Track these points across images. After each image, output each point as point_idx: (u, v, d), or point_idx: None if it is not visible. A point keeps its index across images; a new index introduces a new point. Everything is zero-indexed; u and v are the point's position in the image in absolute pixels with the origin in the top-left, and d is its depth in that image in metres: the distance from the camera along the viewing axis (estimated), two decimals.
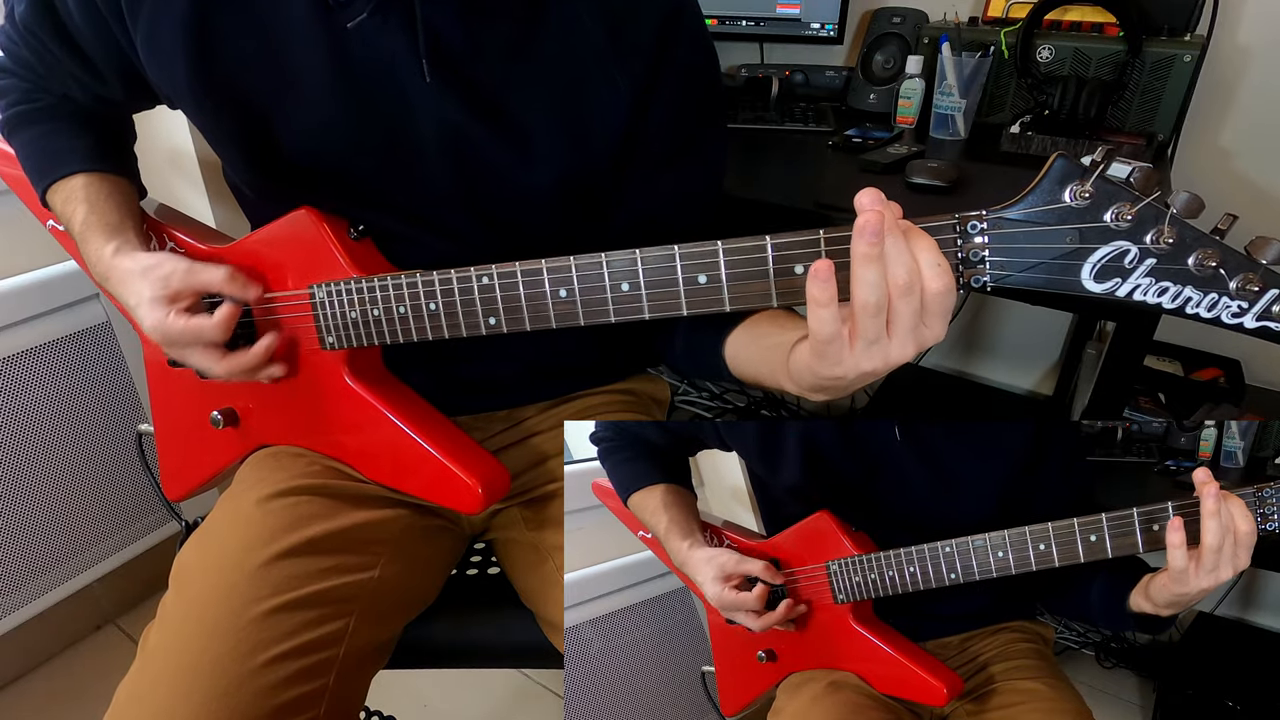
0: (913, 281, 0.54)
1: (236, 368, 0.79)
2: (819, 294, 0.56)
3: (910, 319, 0.56)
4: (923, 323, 0.56)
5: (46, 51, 0.85)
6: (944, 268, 0.55)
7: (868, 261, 0.54)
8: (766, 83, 1.69)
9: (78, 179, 0.87)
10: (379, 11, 0.74)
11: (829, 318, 0.56)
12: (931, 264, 0.54)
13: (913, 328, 0.56)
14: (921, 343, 0.57)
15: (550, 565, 0.87)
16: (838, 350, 0.58)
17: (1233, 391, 1.54)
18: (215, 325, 0.76)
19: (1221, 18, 1.44)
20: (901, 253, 0.54)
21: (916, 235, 0.55)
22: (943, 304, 0.56)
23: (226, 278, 0.77)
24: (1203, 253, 0.50)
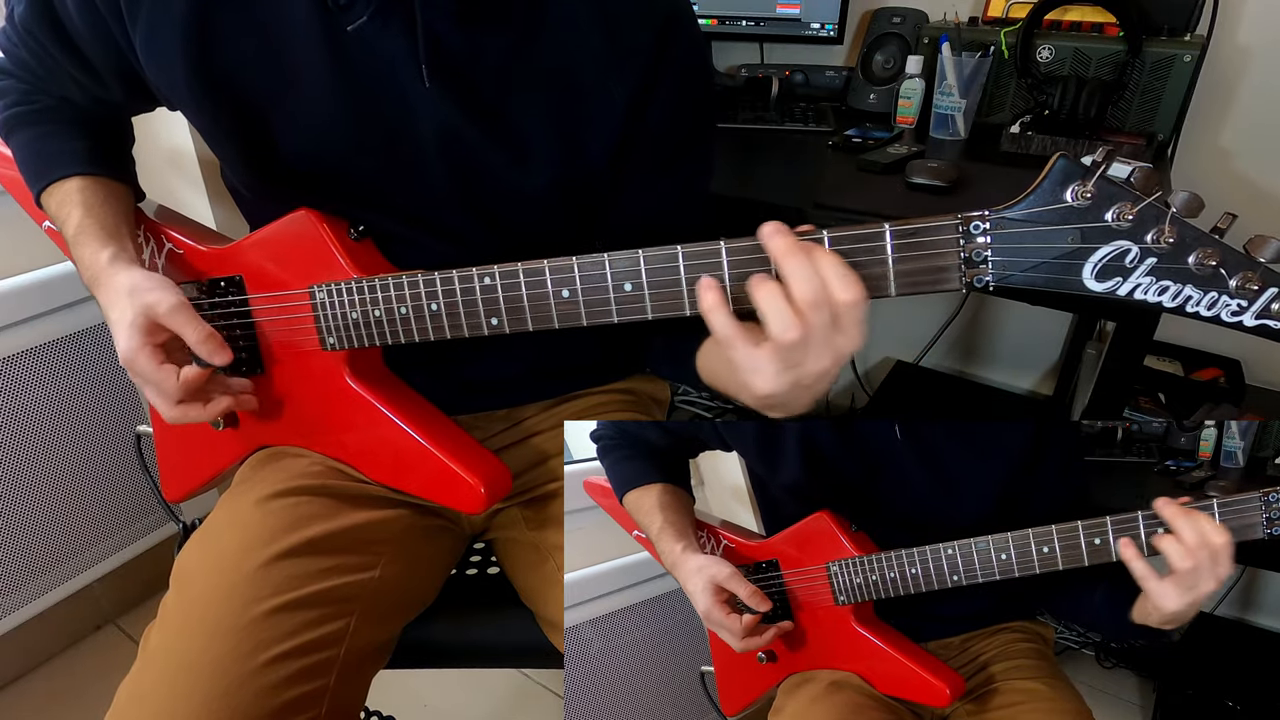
0: (820, 296, 0.57)
1: (186, 417, 0.79)
2: (709, 303, 0.61)
3: (824, 331, 0.58)
4: (838, 333, 0.59)
5: (45, 53, 0.85)
6: (850, 279, 0.57)
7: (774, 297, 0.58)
8: (766, 83, 1.69)
9: (73, 182, 0.86)
10: (379, 15, 0.74)
11: (722, 323, 0.61)
12: (838, 276, 0.57)
13: (827, 339, 0.59)
14: (839, 352, 0.60)
15: (550, 565, 0.87)
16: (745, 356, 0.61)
17: (1233, 391, 1.54)
18: (177, 386, 0.76)
19: (1221, 18, 1.44)
20: (805, 269, 0.57)
21: (821, 252, 0.58)
22: (856, 313, 0.58)
23: (202, 339, 0.76)
24: (1203, 252, 0.50)
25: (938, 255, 0.57)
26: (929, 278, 0.57)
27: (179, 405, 0.78)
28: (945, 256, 0.56)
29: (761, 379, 0.61)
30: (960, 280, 0.57)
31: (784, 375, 0.60)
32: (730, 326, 0.60)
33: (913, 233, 0.57)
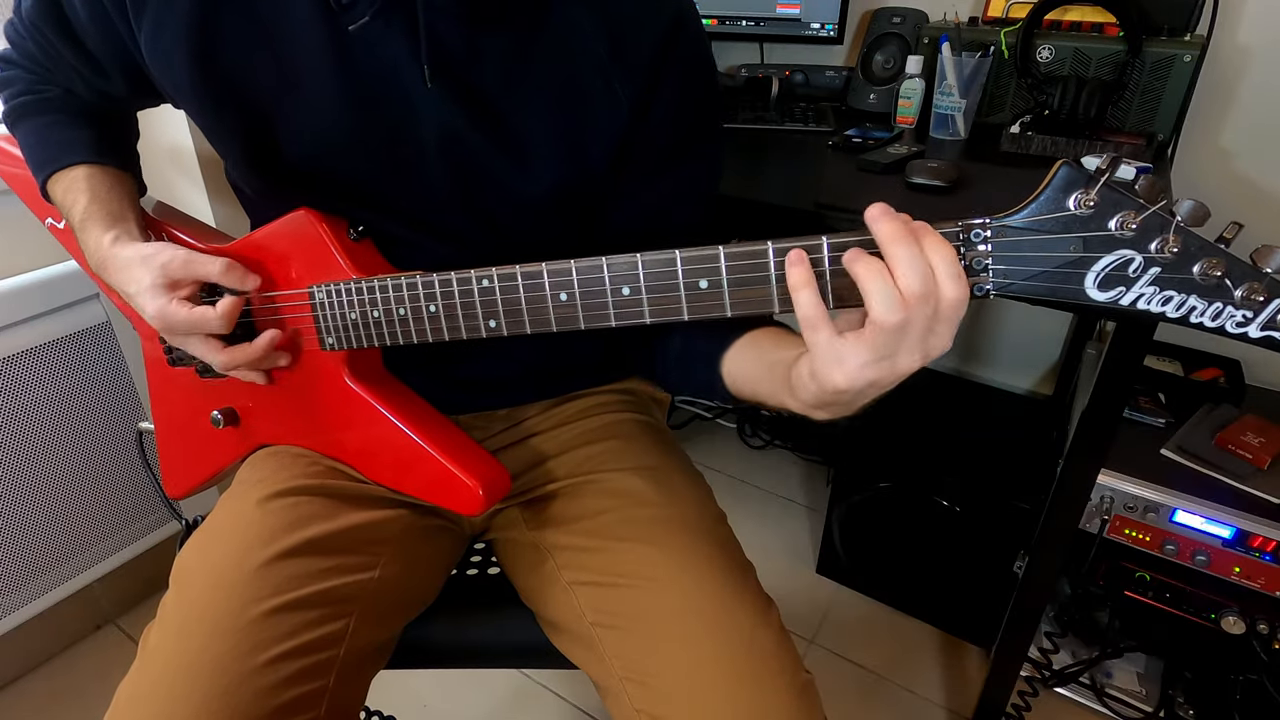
0: (929, 289, 0.53)
1: (238, 360, 0.81)
2: (796, 279, 0.56)
3: (922, 327, 0.54)
4: (932, 332, 0.55)
5: (51, 46, 0.86)
6: (960, 277, 0.53)
7: (881, 276, 0.53)
8: (766, 83, 1.68)
9: (80, 169, 0.87)
10: (381, 15, 0.74)
11: (808, 301, 0.56)
12: (949, 273, 0.53)
13: (922, 337, 0.54)
14: (929, 352, 0.55)
15: (550, 565, 0.87)
16: (827, 343, 0.56)
17: (1233, 391, 1.54)
18: (218, 317, 0.78)
19: (1221, 18, 1.44)
20: (916, 258, 0.53)
21: (932, 242, 0.54)
22: (956, 313, 0.54)
23: (224, 269, 0.79)
24: (1208, 262, 0.50)
25: None
26: None
27: (227, 349, 0.80)
28: None
29: (842, 371, 0.55)
30: None
31: (869, 368, 0.55)
32: (819, 306, 0.56)
33: None
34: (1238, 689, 1.42)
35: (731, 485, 2.17)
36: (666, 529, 0.85)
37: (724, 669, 0.75)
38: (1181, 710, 1.48)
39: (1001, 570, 1.53)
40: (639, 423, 1.00)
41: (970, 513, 1.55)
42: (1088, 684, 1.55)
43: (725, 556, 0.84)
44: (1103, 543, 1.40)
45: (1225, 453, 1.38)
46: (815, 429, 2.28)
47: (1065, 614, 1.61)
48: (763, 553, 1.87)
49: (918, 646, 1.71)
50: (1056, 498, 1.22)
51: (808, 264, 0.57)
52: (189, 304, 0.78)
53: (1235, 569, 1.31)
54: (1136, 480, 1.35)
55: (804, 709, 0.75)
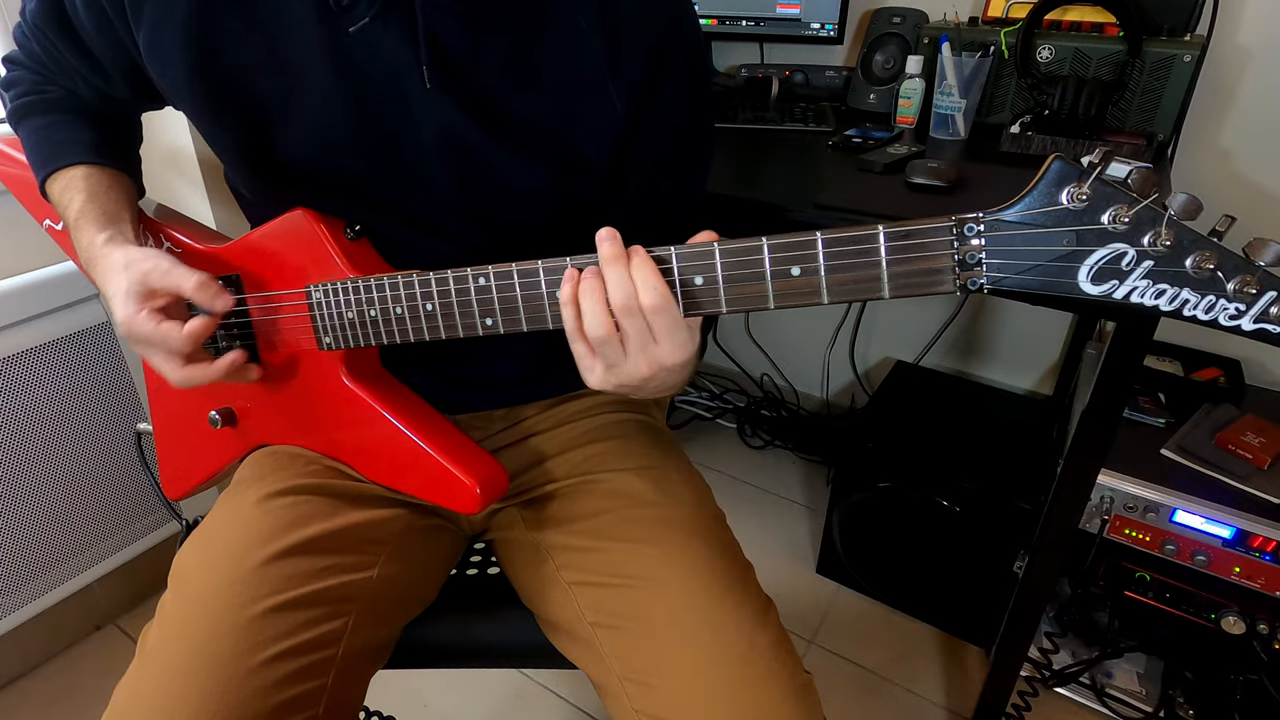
0: (629, 302, 0.61)
1: (195, 379, 0.79)
2: (562, 295, 0.65)
3: (640, 338, 0.63)
4: (654, 341, 0.63)
5: (54, 48, 0.87)
6: (656, 286, 0.61)
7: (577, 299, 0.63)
8: (766, 83, 1.69)
9: (78, 169, 0.87)
10: (380, 17, 0.74)
11: (568, 316, 0.65)
12: (644, 281, 0.61)
13: (643, 346, 0.63)
14: (658, 361, 0.64)
15: (550, 565, 0.87)
16: (580, 354, 0.66)
17: (1233, 391, 1.54)
18: (183, 337, 0.76)
19: (1221, 18, 1.44)
20: (621, 275, 0.61)
21: (639, 260, 0.62)
22: (663, 321, 0.62)
23: (197, 285, 0.76)
24: (1200, 255, 0.50)
25: (931, 257, 0.56)
26: (923, 280, 0.57)
27: (185, 366, 0.79)
28: (939, 259, 0.56)
29: (592, 377, 0.66)
30: (954, 283, 0.56)
31: (609, 374, 0.65)
32: (573, 321, 0.64)
33: (906, 234, 0.56)
34: (1238, 689, 1.41)
35: (731, 485, 2.17)
36: (666, 529, 0.84)
37: (723, 669, 0.75)
38: (1181, 710, 1.48)
39: (1001, 570, 1.53)
40: (638, 423, 1.00)
41: (970, 513, 1.55)
42: (1088, 684, 1.55)
43: (725, 557, 0.84)
44: (1103, 543, 1.40)
45: (1225, 453, 1.38)
46: (815, 429, 2.28)
47: (1065, 614, 1.60)
48: (763, 553, 1.87)
49: (918, 646, 1.71)
50: (1056, 498, 1.22)
51: (574, 283, 0.64)
52: (159, 316, 0.77)
53: (1235, 569, 1.31)
54: (1136, 480, 1.35)
55: (804, 709, 0.75)
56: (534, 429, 0.98)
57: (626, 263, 0.62)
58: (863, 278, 0.58)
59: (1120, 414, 1.10)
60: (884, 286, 0.58)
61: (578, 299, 0.64)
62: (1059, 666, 1.56)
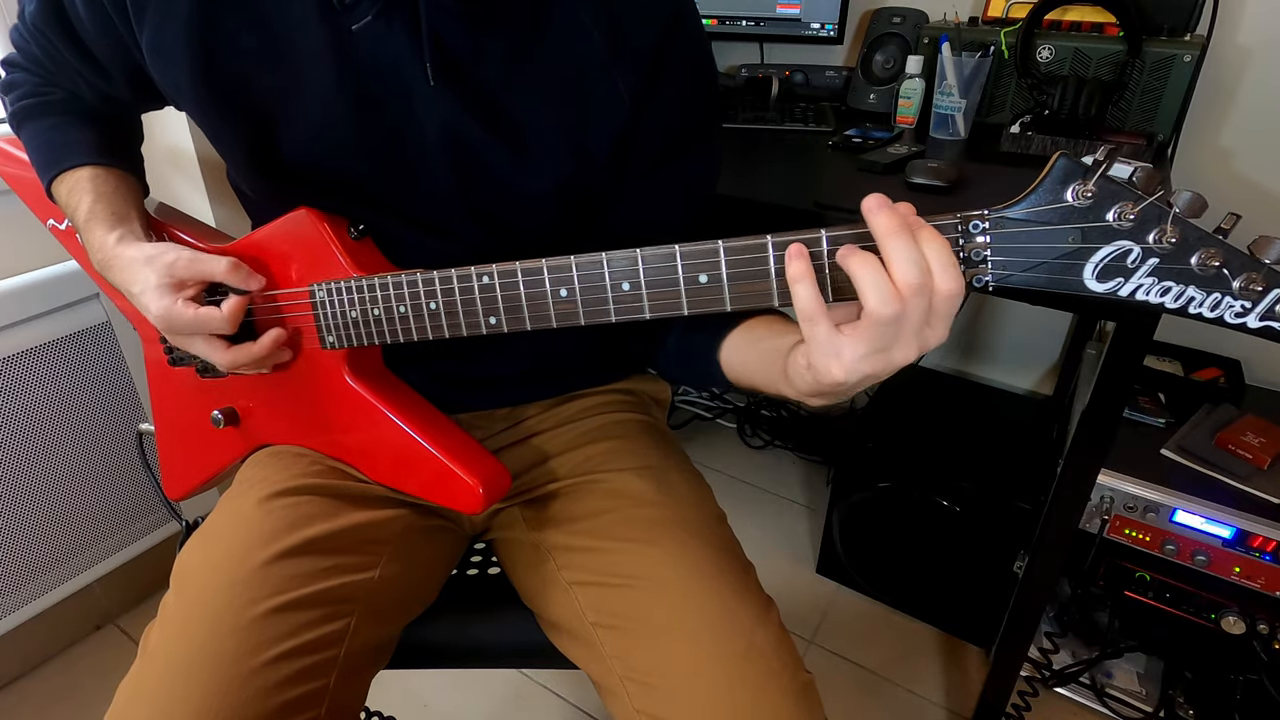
0: (924, 282, 0.53)
1: (241, 359, 0.81)
2: (795, 272, 0.57)
3: (918, 320, 0.54)
4: (928, 324, 0.55)
5: (55, 50, 0.86)
6: (955, 270, 0.53)
7: (875, 270, 0.54)
8: (766, 83, 1.69)
9: (84, 170, 0.88)
10: (383, 15, 0.74)
11: (806, 294, 0.56)
12: (944, 266, 0.53)
13: (918, 330, 0.55)
14: (924, 345, 0.56)
15: (551, 565, 0.87)
16: (826, 336, 0.56)
17: (1233, 391, 1.54)
18: (223, 318, 0.78)
19: (1221, 18, 1.44)
20: (911, 251, 0.53)
21: (928, 235, 0.54)
22: (951, 306, 0.54)
23: (229, 268, 0.79)
24: (1206, 252, 0.50)
25: None
26: None
27: (231, 348, 0.80)
28: None
29: (839, 364, 0.56)
30: None
31: (866, 361, 0.55)
32: (817, 300, 0.56)
33: None
34: (1238, 689, 1.41)
35: (731, 485, 2.17)
36: (667, 529, 0.84)
37: (724, 669, 0.74)
38: (1181, 710, 1.48)
39: (1001, 570, 1.53)
40: (639, 423, 1.00)
41: (970, 513, 1.55)
42: (1088, 684, 1.55)
43: (725, 556, 0.84)
44: (1103, 543, 1.40)
45: (1225, 453, 1.38)
46: (815, 429, 2.28)
47: (1065, 614, 1.60)
48: (763, 553, 1.87)
49: (918, 646, 1.71)
50: (1056, 498, 1.22)
51: (807, 258, 0.57)
52: (194, 304, 0.79)
53: (1235, 569, 1.31)
54: (1136, 480, 1.35)
55: (804, 709, 0.75)
56: (535, 429, 0.98)
57: (913, 237, 0.53)
58: None
59: (1120, 414, 1.10)
60: None
61: (859, 272, 0.54)
62: (1059, 666, 1.56)
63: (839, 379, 0.57)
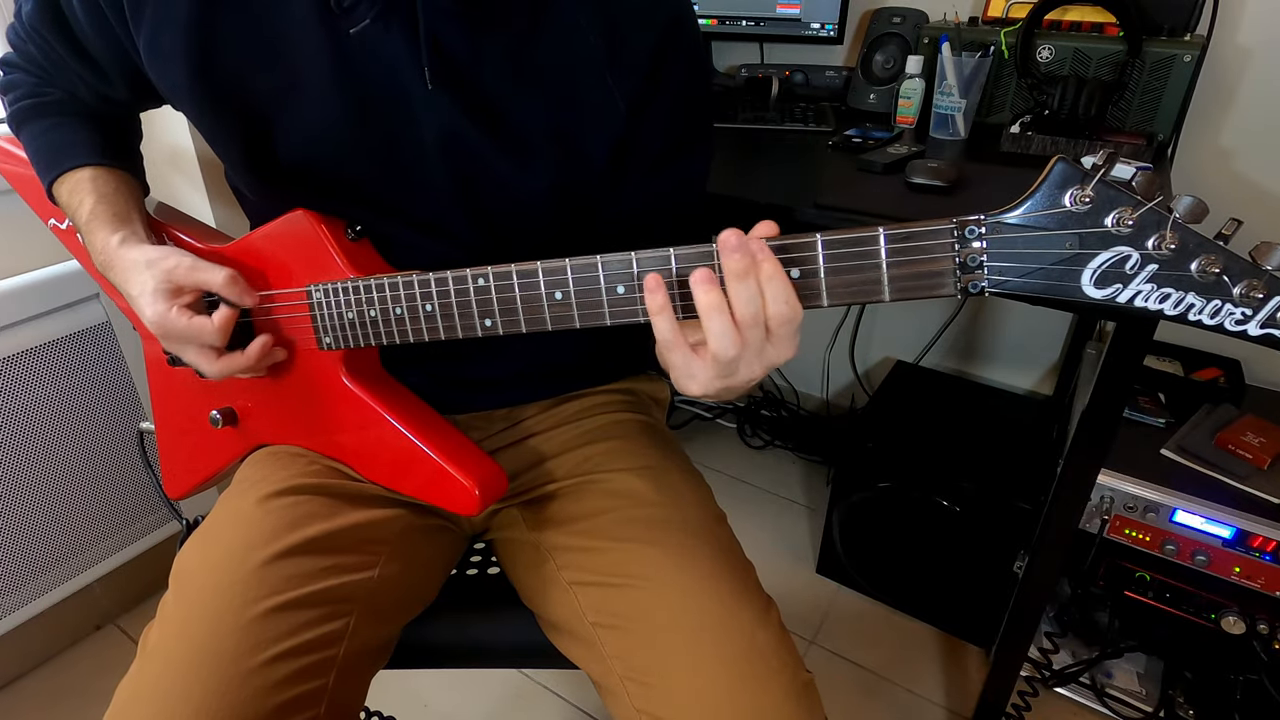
0: (758, 315, 0.59)
1: (230, 369, 0.81)
2: (653, 305, 0.62)
3: (758, 345, 0.60)
4: (769, 344, 0.61)
5: (52, 50, 0.86)
6: (789, 300, 0.58)
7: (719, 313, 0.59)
8: (766, 83, 1.69)
9: (86, 171, 0.88)
10: (381, 18, 0.74)
11: (664, 326, 0.62)
12: (775, 296, 0.58)
13: (759, 351, 0.61)
14: (770, 363, 0.62)
15: (550, 565, 0.87)
16: (682, 362, 0.63)
17: (1233, 391, 1.54)
18: (215, 330, 0.78)
19: (1221, 18, 1.44)
20: (751, 292, 0.58)
21: (768, 272, 0.58)
22: (786, 329, 0.60)
23: (227, 280, 0.78)
24: (1206, 258, 0.49)
25: (932, 260, 0.56)
26: (924, 283, 0.56)
27: (221, 359, 0.80)
28: (940, 262, 0.55)
29: (695, 385, 0.64)
30: (955, 286, 0.56)
31: (717, 381, 0.63)
32: (673, 331, 0.62)
33: (907, 237, 0.56)
34: (1238, 689, 1.41)
35: (731, 485, 2.17)
36: (666, 529, 0.84)
37: (724, 669, 0.74)
38: (1181, 710, 1.48)
39: (1001, 570, 1.53)
40: (639, 423, 1.00)
41: (970, 513, 1.55)
42: (1088, 684, 1.55)
43: (725, 556, 0.84)
44: (1103, 543, 1.40)
45: (1225, 453, 1.38)
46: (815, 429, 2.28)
47: (1065, 614, 1.60)
48: (763, 553, 1.87)
49: (918, 646, 1.71)
50: (1056, 498, 1.22)
51: (664, 290, 0.61)
52: (189, 312, 0.78)
53: (1235, 569, 1.31)
54: (1136, 480, 1.35)
55: (804, 709, 0.75)
56: (534, 429, 0.98)
57: (755, 278, 0.58)
58: (863, 280, 0.58)
59: (1120, 414, 1.10)
60: (884, 289, 0.57)
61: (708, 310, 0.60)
62: (1059, 666, 1.56)
63: (696, 394, 0.65)
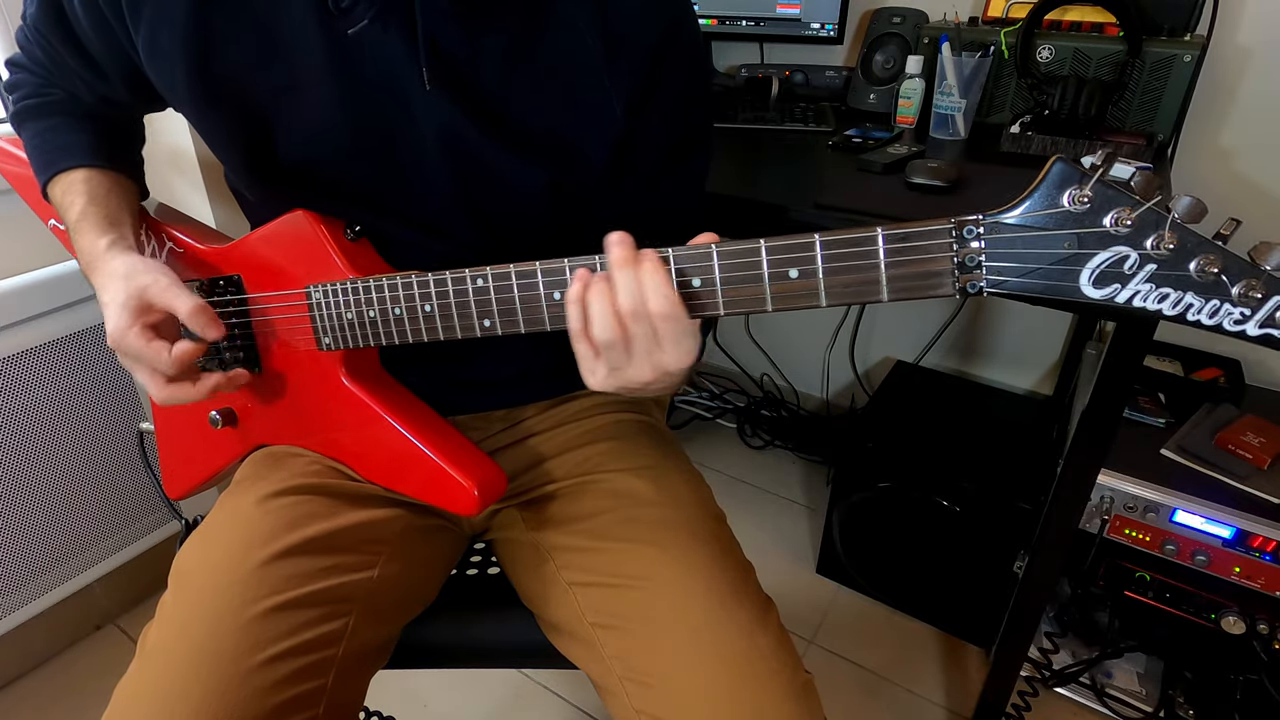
0: (638, 307, 0.60)
1: (177, 398, 0.80)
2: (572, 294, 0.64)
3: (646, 343, 0.62)
4: (658, 346, 0.62)
5: (55, 51, 0.86)
6: (666, 294, 0.60)
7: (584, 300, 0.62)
8: (766, 83, 1.69)
9: (79, 172, 0.87)
10: (379, 18, 0.74)
11: (573, 315, 0.64)
12: (654, 290, 0.60)
13: (648, 351, 0.62)
14: (661, 366, 0.63)
15: (550, 566, 0.87)
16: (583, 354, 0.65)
17: (1233, 391, 1.54)
18: (171, 360, 0.77)
19: (1221, 18, 1.44)
20: (630, 282, 0.61)
21: (649, 267, 0.61)
22: (671, 329, 0.61)
23: (193, 311, 0.76)
24: (1204, 258, 0.49)
25: (931, 260, 0.56)
26: (922, 283, 0.56)
27: (169, 384, 0.79)
28: (938, 262, 0.55)
29: (594, 379, 0.66)
30: (954, 286, 0.55)
31: (611, 378, 0.65)
32: (577, 322, 0.64)
33: (905, 237, 0.56)
34: (1238, 689, 1.41)
35: (731, 485, 2.17)
36: (666, 529, 0.84)
37: (724, 669, 0.74)
38: (1181, 710, 1.48)
39: (1001, 570, 1.53)
40: (638, 423, 1.00)
41: (970, 513, 1.55)
42: (1088, 684, 1.55)
43: (725, 556, 0.84)
44: (1103, 543, 1.40)
45: (1225, 453, 1.38)
46: (815, 429, 2.28)
47: (1065, 614, 1.60)
48: (763, 553, 1.87)
49: (918, 646, 1.71)
50: (1056, 498, 1.22)
51: (585, 283, 0.63)
52: (150, 333, 0.77)
53: (1235, 569, 1.31)
54: (1136, 480, 1.35)
55: (804, 709, 0.75)
56: (533, 429, 0.98)
57: (637, 267, 0.61)
58: (861, 280, 0.58)
59: (1120, 414, 1.10)
60: (882, 289, 0.57)
61: (585, 300, 0.63)
62: (1059, 666, 1.56)
63: (596, 388, 0.67)
